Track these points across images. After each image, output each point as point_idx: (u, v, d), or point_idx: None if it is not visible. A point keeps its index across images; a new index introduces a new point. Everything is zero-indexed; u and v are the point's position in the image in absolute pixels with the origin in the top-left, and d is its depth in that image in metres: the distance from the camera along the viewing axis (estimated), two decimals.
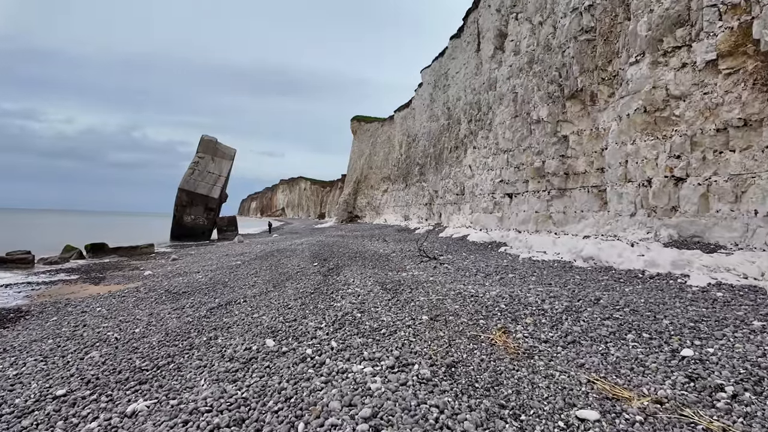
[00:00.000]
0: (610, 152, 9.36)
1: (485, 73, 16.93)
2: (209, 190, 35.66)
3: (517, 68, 13.10)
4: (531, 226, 12.11)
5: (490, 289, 5.70)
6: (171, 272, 12.94)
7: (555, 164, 11.17)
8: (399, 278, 7.25)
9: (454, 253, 11.68)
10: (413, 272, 8.32)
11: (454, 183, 20.87)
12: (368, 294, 5.68)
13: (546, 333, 3.70)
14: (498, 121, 13.99)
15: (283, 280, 8.81)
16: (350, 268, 9.01)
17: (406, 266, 9.51)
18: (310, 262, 10.99)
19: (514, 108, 13.07)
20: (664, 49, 7.97)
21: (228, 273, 10.98)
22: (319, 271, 8.92)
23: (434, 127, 25.21)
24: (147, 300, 8.26)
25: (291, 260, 12.09)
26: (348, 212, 41.85)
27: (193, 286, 9.33)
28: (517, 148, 12.88)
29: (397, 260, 10.67)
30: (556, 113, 11.11)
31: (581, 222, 10.62)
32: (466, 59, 20.22)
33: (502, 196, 13.72)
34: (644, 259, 7.08)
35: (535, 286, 6.10)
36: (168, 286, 9.64)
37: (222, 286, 9.13)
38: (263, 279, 9.30)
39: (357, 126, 46.87)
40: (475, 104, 18.23)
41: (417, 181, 28.41)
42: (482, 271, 8.07)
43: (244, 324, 5.23)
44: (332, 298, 5.75)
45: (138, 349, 4.76)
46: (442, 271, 8.42)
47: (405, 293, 5.70)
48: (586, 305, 4.49)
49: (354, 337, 3.76)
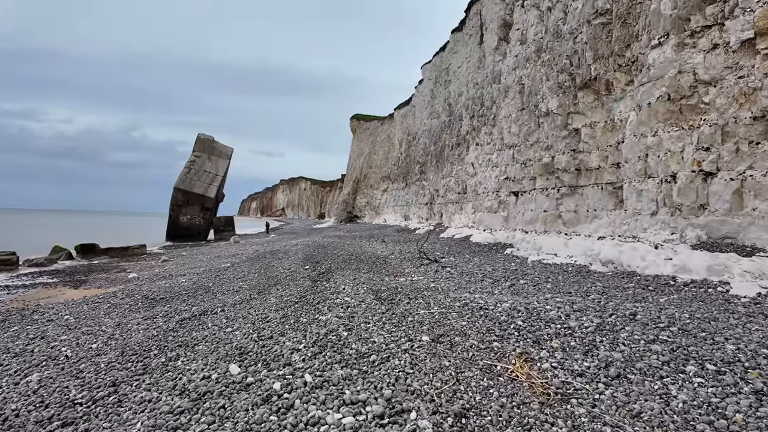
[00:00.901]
0: (627, 145, 8.55)
1: (489, 65, 16.13)
2: (205, 189, 34.84)
3: (523, 58, 12.30)
4: (539, 227, 11.30)
5: (501, 299, 4.90)
6: (157, 275, 12.24)
7: (565, 159, 10.35)
8: (396, 285, 6.45)
9: (457, 255, 10.88)
10: (412, 277, 7.52)
11: (456, 181, 20.06)
12: (359, 305, 4.89)
13: (579, 362, 2.90)
14: (503, 115, 13.17)
15: (269, 285, 8.05)
16: (343, 273, 8.21)
17: (404, 270, 8.71)
18: (301, 264, 10.21)
19: (521, 100, 12.26)
20: (692, 29, 7.16)
21: (214, 277, 10.25)
22: (309, 276, 8.13)
23: (435, 124, 24.41)
24: (120, 307, 7.54)
25: (282, 263, 11.33)
26: (347, 212, 41.04)
27: (174, 292, 8.61)
28: (523, 143, 12.06)
29: (395, 263, 9.88)
30: (566, 105, 10.30)
31: (594, 222, 9.81)
32: (469, 53, 19.43)
33: (508, 194, 12.91)
34: (673, 264, 6.27)
35: (552, 295, 5.30)
36: (147, 291, 8.92)
37: (204, 291, 8.41)
38: (249, 284, 8.55)
39: (356, 125, 46.06)
40: (478, 99, 17.44)
41: (417, 180, 27.60)
42: (489, 276, 7.26)
43: (213, 341, 4.45)
44: (318, 309, 4.95)
45: (83, 373, 3.99)
46: (444, 275, 7.62)
47: (402, 304, 4.89)
48: (622, 322, 3.69)
49: (335, 366, 2.96)
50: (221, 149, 36.82)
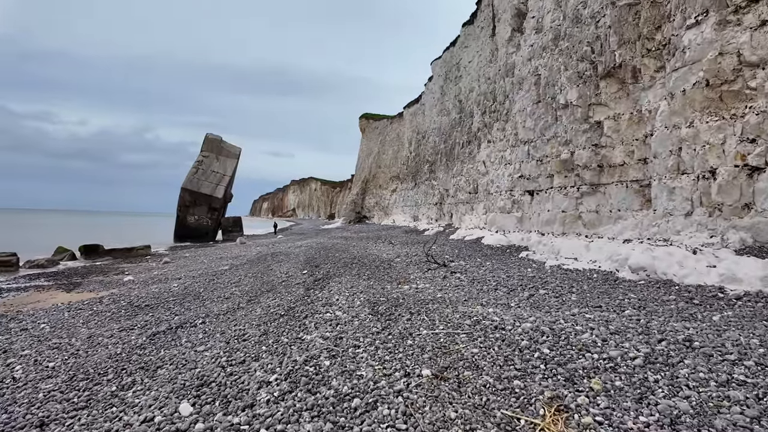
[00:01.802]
0: (657, 138, 7.68)
1: (501, 58, 15.30)
2: (213, 189, 34.50)
3: (539, 47, 11.47)
4: (556, 228, 10.44)
5: (520, 315, 4.13)
6: (153, 278, 11.76)
7: (586, 155, 9.50)
8: (398, 294, 5.72)
9: (467, 258, 10.10)
10: (417, 284, 6.77)
11: (467, 180, 19.24)
12: (351, 322, 4.17)
13: (633, 414, 2.14)
14: (517, 109, 12.33)
15: (262, 292, 7.41)
16: (341, 279, 7.50)
17: (409, 275, 7.97)
18: (300, 268, 9.55)
19: (537, 92, 11.41)
20: (736, 4, 6.29)
21: (208, 281, 9.70)
22: (305, 282, 7.44)
23: (445, 121, 23.60)
24: (102, 315, 7.02)
25: (282, 266, 10.71)
26: (356, 213, 40.38)
27: (161, 298, 8.07)
28: (539, 138, 11.21)
29: (400, 267, 9.15)
30: (587, 95, 9.45)
31: (618, 223, 8.94)
32: (480, 46, 18.60)
33: (522, 193, 12.06)
34: (718, 272, 5.42)
35: (579, 309, 4.51)
36: (136, 297, 8.42)
37: (193, 298, 7.83)
38: (241, 290, 7.95)
39: (365, 124, 45.40)
40: (490, 94, 16.61)
41: (427, 180, 26.81)
42: (504, 283, 6.47)
43: (177, 363, 3.79)
44: (304, 326, 4.25)
45: (16, 404, 3.36)
46: (453, 282, 6.86)
47: (401, 321, 4.15)
48: (677, 351, 2.91)
49: (303, 415, 2.25)
50: (229, 149, 36.49)
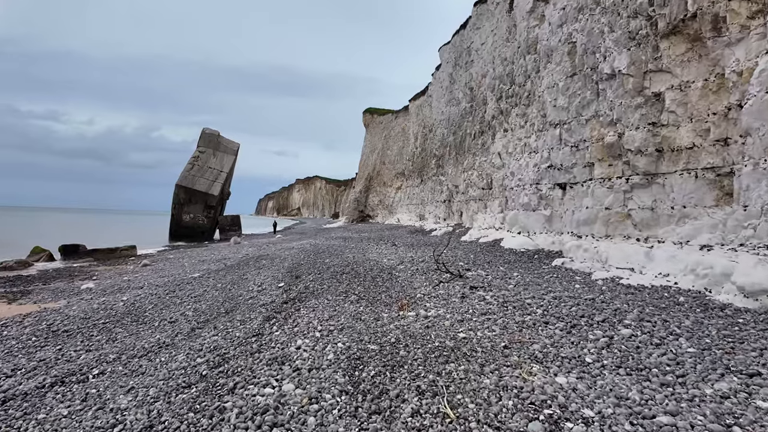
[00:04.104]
0: (753, 109, 5.65)
1: (521, 34, 13.26)
2: (209, 186, 32.72)
3: (573, 9, 9.45)
4: (597, 229, 8.42)
5: (622, 400, 2.16)
6: (113, 286, 9.99)
7: (640, 137, 7.47)
8: (397, 333, 3.75)
9: (487, 266, 8.11)
10: (426, 309, 4.81)
11: (479, 175, 17.20)
12: (305, 411, 2.22)
13: None
14: (545, 86, 10.28)
15: (216, 315, 5.58)
16: (321, 300, 5.51)
17: (416, 291, 6.01)
18: (278, 279, 7.65)
19: (571, 64, 9.38)
20: None
21: (167, 293, 7.97)
22: (273, 303, 5.49)
23: (454, 111, 21.56)
24: (4, 344, 5.32)
25: (260, 274, 8.86)
26: (359, 211, 38.40)
27: (92, 320, 6.40)
28: (575, 120, 9.17)
29: (403, 278, 7.20)
30: (642, 61, 7.42)
31: (684, 224, 6.90)
32: (495, 25, 16.55)
33: (551, 186, 10.01)
34: None
35: (730, 385, 2.53)
36: (65, 317, 6.72)
37: (130, 321, 6.08)
38: (195, 310, 6.14)
39: (369, 119, 43.39)
40: (507, 77, 14.57)
41: (434, 175, 24.77)
42: (554, 310, 4.47)
43: None
44: (221, 411, 2.33)
45: None
46: (476, 305, 4.89)
47: (399, 409, 2.19)
48: None
49: None
50: (227, 144, 34.74)
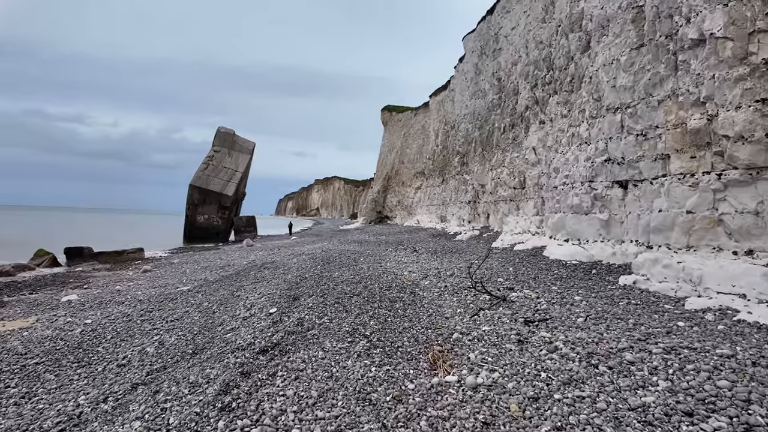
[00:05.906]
0: None
1: (562, 10, 11.49)
2: (223, 186, 31.87)
3: None
4: (675, 238, 6.65)
5: None
6: (95, 299, 8.96)
7: (743, 119, 5.69)
8: None
9: (534, 284, 6.45)
10: (470, 367, 3.25)
11: (510, 173, 15.44)
12: None
13: None
14: (601, 63, 8.47)
15: (179, 358, 4.14)
16: (315, 348, 3.99)
17: (447, 322, 4.46)
18: (273, 301, 6.18)
19: (637, 32, 7.59)
20: None
21: (144, 313, 6.87)
22: (252, 346, 3.97)
23: (480, 105, 19.81)
24: None
25: (255, 290, 7.49)
26: (377, 212, 36.92)
27: (28, 356, 5.37)
28: (643, 101, 7.37)
29: (429, 300, 5.64)
30: (746, 18, 5.65)
31: None
32: (528, 5, 14.77)
33: (609, 185, 8.22)
34: None
35: None
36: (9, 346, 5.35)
37: (72, 359, 4.85)
38: (160, 344, 4.78)
39: (388, 117, 41.87)
40: (543, 61, 12.80)
41: (457, 174, 23.03)
42: (672, 376, 2.84)
43: None
44: None
45: None
46: (542, 357, 3.31)
47: None
48: None
49: None
50: (242, 143, 33.87)
